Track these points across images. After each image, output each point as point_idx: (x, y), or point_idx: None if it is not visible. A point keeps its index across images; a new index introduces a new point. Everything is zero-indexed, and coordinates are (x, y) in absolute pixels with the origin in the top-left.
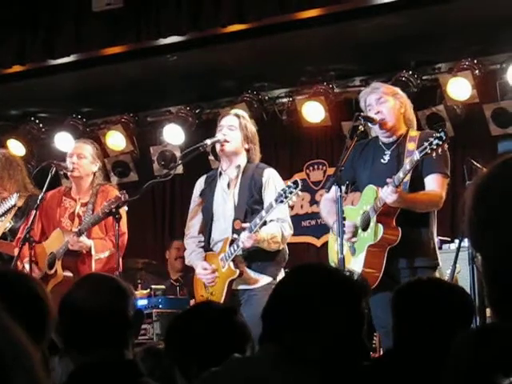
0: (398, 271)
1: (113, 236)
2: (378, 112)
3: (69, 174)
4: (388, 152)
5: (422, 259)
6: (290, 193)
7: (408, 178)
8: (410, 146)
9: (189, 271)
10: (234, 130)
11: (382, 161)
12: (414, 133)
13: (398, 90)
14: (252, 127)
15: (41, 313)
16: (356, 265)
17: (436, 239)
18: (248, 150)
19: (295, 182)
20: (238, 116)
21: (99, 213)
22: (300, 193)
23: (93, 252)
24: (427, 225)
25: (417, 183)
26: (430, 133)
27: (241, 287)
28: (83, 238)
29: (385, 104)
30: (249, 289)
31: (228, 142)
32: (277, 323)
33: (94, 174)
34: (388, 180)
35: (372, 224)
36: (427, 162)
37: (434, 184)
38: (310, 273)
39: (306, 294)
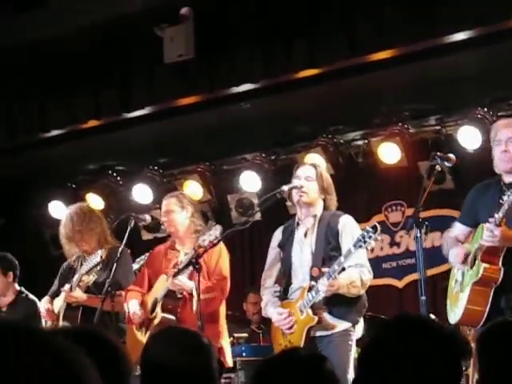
0: (504, 310)
1: (215, 280)
2: (506, 151)
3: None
4: (508, 192)
5: None
6: (369, 237)
7: None
8: None
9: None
10: (311, 180)
11: (501, 201)
12: None
13: None
14: (328, 177)
15: (119, 366)
16: (462, 301)
17: None
18: (324, 200)
19: (374, 227)
20: (314, 166)
21: (193, 250)
22: (379, 237)
23: (194, 293)
24: None
25: None
26: None
27: (318, 334)
28: (182, 277)
29: None
30: (326, 335)
31: (305, 192)
32: (370, 373)
33: (190, 220)
34: (489, 220)
35: (477, 262)
36: None
37: None
38: (411, 326)
39: (405, 348)
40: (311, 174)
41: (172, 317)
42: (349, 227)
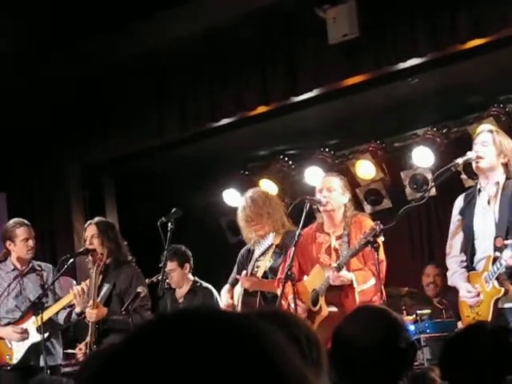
0: None
1: (372, 265)
2: None
3: (321, 208)
4: None
5: None
6: None
7: None
8: None
9: (451, 292)
10: (488, 145)
11: None
12: None
13: None
14: (509, 142)
15: (314, 347)
16: None
17: None
18: (506, 165)
19: None
20: (491, 131)
21: (356, 245)
22: None
23: (355, 285)
24: None
25: None
26: None
27: (507, 305)
28: (344, 272)
29: None
30: None
31: (482, 158)
32: None
33: (345, 206)
34: None
35: None
36: None
37: None
38: None
39: None
40: (487, 139)
41: (336, 309)
42: None
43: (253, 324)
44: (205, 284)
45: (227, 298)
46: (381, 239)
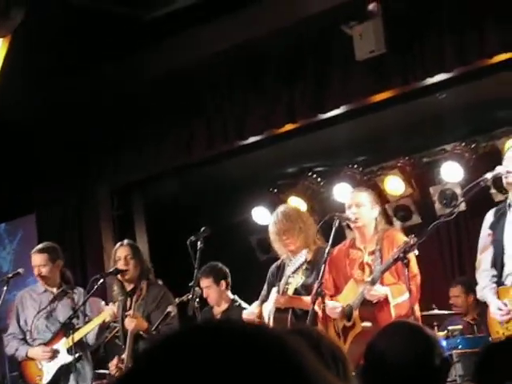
0: None
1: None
2: None
3: (351, 225)
4: None
5: None
6: None
7: None
8: None
9: (482, 308)
10: None
11: None
12: None
13: None
14: None
15: (340, 363)
16: None
17: None
18: None
19: None
20: None
21: (390, 259)
22: None
23: (390, 299)
24: None
25: None
26: None
27: None
28: (378, 287)
29: None
30: None
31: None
32: None
33: (376, 220)
34: None
35: None
36: None
37: None
38: None
39: None
40: None
41: (370, 324)
42: None
43: (278, 336)
44: (244, 305)
45: (253, 312)
46: (414, 253)
